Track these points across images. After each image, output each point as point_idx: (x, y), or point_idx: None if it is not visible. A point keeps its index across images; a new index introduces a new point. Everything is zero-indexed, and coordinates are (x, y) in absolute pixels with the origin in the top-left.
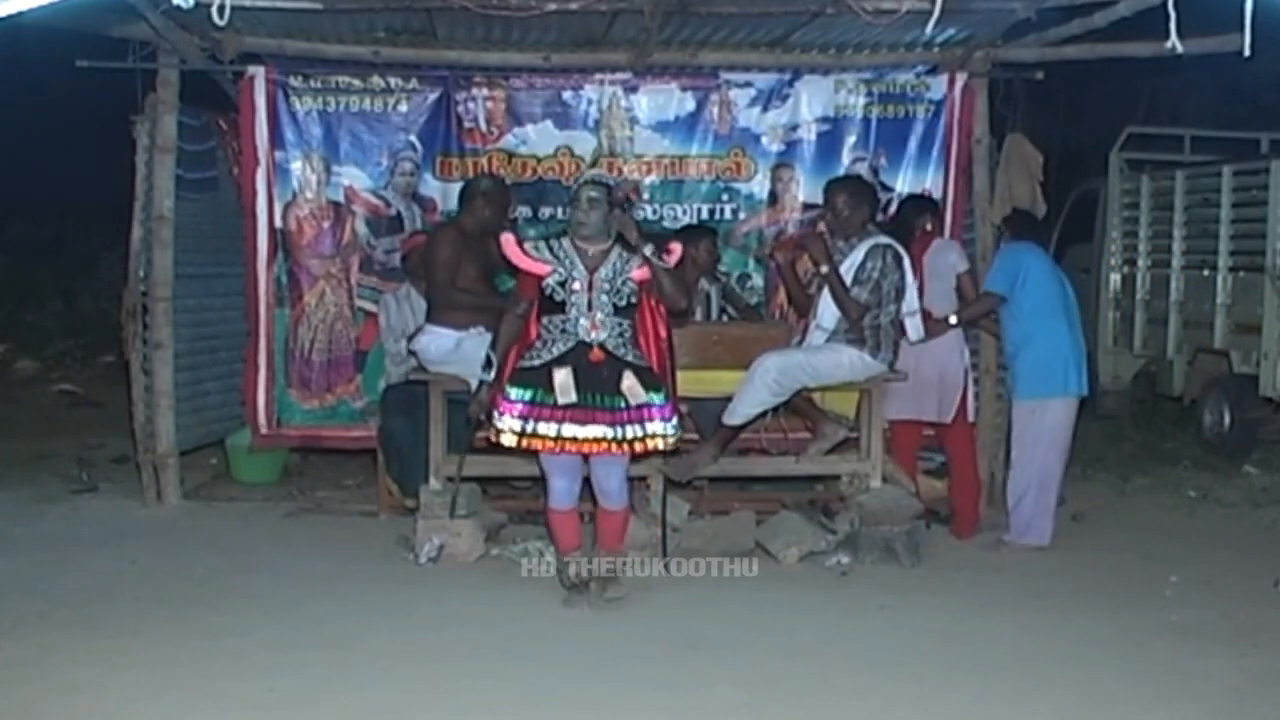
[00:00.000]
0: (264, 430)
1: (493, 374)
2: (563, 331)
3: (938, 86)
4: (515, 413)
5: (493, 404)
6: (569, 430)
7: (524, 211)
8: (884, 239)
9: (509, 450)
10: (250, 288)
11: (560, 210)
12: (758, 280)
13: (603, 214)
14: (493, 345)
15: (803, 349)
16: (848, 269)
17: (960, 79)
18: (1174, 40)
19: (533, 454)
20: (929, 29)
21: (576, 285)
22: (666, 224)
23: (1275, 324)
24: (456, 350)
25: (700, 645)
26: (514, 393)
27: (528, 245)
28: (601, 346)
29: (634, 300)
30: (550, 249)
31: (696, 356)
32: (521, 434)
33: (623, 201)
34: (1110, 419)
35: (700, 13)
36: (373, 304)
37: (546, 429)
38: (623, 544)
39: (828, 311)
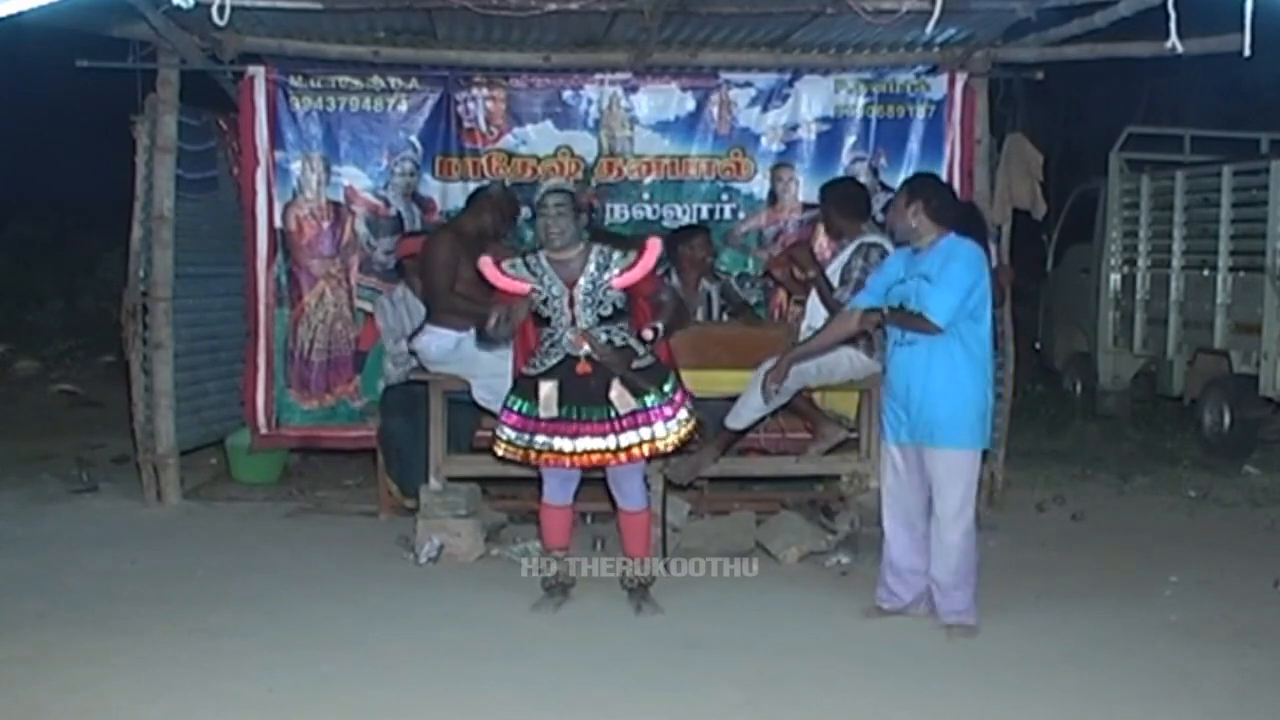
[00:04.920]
0: (263, 430)
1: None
2: (552, 345)
3: (938, 86)
4: (512, 423)
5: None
6: (559, 444)
7: (524, 212)
8: (871, 237)
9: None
10: (250, 288)
11: None
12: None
13: (571, 220)
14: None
15: None
16: (835, 269)
17: (960, 79)
18: (1174, 40)
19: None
20: (929, 29)
21: (557, 301)
22: (666, 224)
23: (1275, 324)
24: (457, 350)
25: (700, 645)
26: (515, 403)
27: (505, 265)
28: (588, 359)
29: (620, 306)
30: (527, 266)
31: (696, 356)
32: (517, 445)
33: (586, 208)
34: (1110, 419)
35: (700, 13)
36: (372, 304)
37: (540, 441)
38: (649, 549)
39: (817, 312)
